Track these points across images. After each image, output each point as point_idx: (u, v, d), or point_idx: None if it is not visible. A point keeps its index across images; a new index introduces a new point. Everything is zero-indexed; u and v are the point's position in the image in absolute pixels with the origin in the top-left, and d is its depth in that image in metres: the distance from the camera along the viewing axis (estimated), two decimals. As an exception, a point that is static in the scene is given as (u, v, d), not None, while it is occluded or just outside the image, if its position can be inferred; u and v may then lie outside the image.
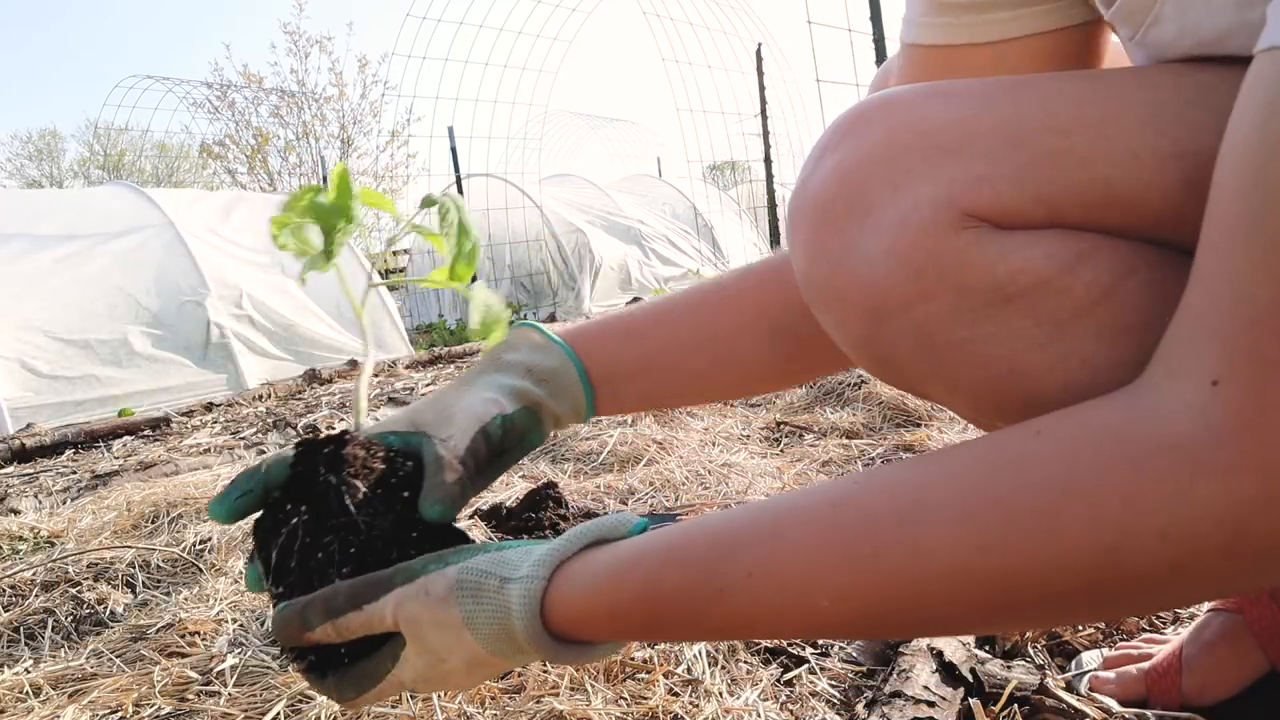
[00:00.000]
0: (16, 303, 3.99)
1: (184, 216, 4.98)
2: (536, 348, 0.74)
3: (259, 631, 1.12)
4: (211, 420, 3.48)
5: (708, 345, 0.76)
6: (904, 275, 0.51)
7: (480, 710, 0.85)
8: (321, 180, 10.26)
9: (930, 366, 0.54)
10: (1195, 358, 0.41)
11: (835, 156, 0.54)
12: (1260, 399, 0.38)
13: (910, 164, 0.51)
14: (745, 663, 0.90)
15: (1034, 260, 0.49)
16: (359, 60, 17.39)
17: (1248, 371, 0.39)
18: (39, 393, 3.75)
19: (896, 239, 0.51)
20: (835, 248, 0.54)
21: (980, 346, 0.51)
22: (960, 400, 0.57)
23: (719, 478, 1.64)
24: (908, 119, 0.53)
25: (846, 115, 0.56)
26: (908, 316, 0.52)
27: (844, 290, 0.54)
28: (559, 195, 9.14)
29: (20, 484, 2.52)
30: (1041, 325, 0.50)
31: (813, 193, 0.55)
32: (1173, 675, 0.76)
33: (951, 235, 0.50)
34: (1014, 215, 0.50)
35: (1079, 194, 0.49)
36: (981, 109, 0.51)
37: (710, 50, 7.85)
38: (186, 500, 1.88)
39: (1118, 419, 0.43)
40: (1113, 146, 0.49)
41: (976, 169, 0.50)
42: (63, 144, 22.19)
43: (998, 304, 0.50)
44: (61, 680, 1.05)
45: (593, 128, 15.41)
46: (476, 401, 0.68)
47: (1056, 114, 0.50)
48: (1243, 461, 0.39)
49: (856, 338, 0.56)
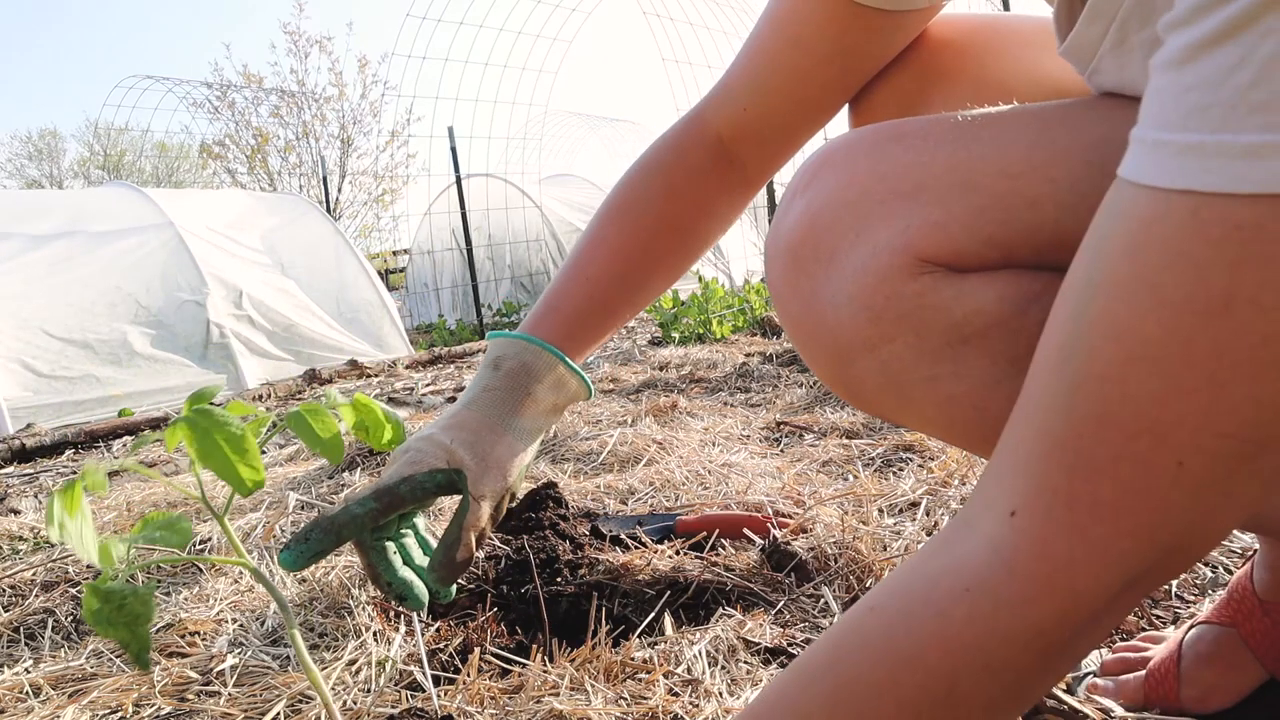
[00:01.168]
0: (16, 302, 3.99)
1: (184, 216, 4.98)
2: (557, 384, 0.78)
3: (259, 631, 1.12)
4: (211, 420, 3.48)
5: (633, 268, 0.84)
6: (866, 319, 0.54)
7: (480, 710, 0.85)
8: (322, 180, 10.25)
9: (898, 402, 0.57)
10: (999, 490, 0.44)
11: (804, 200, 0.57)
12: (1049, 527, 0.41)
13: (870, 209, 0.54)
14: (745, 663, 0.90)
15: (988, 303, 0.52)
16: (359, 60, 17.38)
17: (1038, 502, 0.42)
18: (39, 393, 3.75)
19: (858, 284, 0.54)
20: (805, 290, 0.57)
21: (943, 385, 0.54)
22: (934, 431, 0.60)
23: (719, 478, 1.64)
24: (868, 163, 0.55)
25: (814, 159, 0.59)
26: (873, 357, 0.55)
27: (814, 332, 0.58)
28: (559, 195, 9.13)
29: (20, 484, 2.52)
30: (998, 363, 0.52)
31: (784, 235, 0.58)
32: (1170, 682, 0.76)
33: (909, 280, 0.52)
34: (969, 257, 0.52)
35: (1029, 236, 0.51)
36: (936, 150, 0.54)
37: (710, 50, 7.85)
38: (186, 500, 1.88)
39: (934, 567, 0.47)
40: (1059, 189, 0.51)
41: (933, 214, 0.52)
42: (63, 144, 22.23)
43: (956, 344, 0.53)
44: (61, 680, 1.05)
45: (593, 128, 15.40)
46: (507, 455, 0.73)
47: (1008, 156, 0.52)
48: (1035, 590, 0.42)
49: (829, 375, 0.60)
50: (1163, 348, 0.37)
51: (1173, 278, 0.36)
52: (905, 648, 0.46)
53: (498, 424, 0.73)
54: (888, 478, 1.53)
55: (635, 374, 3.25)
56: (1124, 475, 0.40)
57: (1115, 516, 0.40)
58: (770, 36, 0.78)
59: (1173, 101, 0.36)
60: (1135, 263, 0.38)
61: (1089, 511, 0.41)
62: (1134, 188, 0.39)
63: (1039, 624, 0.42)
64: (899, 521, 1.29)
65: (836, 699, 0.48)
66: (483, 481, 0.70)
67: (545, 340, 0.78)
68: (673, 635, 0.97)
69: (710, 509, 1.43)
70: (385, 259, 12.37)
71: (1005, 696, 0.45)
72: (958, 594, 0.45)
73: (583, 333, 0.81)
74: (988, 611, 0.43)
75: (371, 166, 13.53)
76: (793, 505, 1.42)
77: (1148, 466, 0.39)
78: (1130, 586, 0.42)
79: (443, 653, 1.00)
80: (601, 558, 1.16)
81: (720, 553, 1.22)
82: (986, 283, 0.52)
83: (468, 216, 7.09)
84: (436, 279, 8.97)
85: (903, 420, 0.61)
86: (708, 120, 0.85)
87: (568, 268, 0.84)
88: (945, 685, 0.45)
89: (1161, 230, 0.37)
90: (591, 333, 0.82)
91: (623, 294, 0.84)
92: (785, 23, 0.76)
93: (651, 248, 0.85)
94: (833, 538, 1.20)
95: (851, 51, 0.74)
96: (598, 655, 0.91)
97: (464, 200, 7.03)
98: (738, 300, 4.85)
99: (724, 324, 4.42)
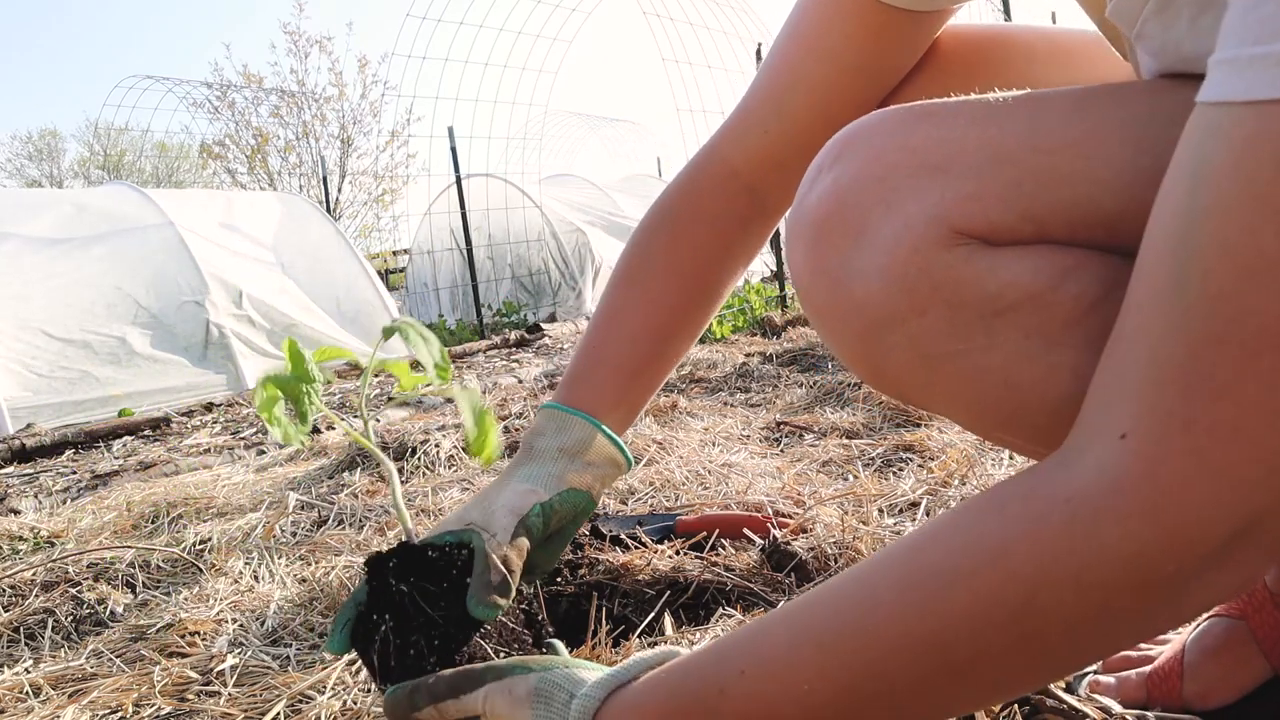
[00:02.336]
0: (16, 303, 3.99)
1: (184, 216, 4.98)
2: (561, 427, 0.82)
3: (259, 631, 1.12)
4: (211, 420, 3.48)
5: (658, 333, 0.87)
6: (898, 290, 0.53)
7: (480, 710, 0.85)
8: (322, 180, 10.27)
9: (926, 378, 0.56)
10: (1108, 416, 0.43)
11: (830, 175, 0.56)
12: (1163, 449, 0.41)
13: (901, 182, 0.53)
14: (745, 663, 0.90)
15: (1023, 275, 0.51)
16: (359, 60, 17.38)
17: (1152, 424, 0.41)
18: (39, 393, 3.75)
19: (890, 256, 0.53)
20: (832, 265, 0.56)
21: (974, 359, 0.53)
22: (959, 410, 0.59)
23: (719, 478, 1.64)
24: (897, 138, 0.55)
25: (840, 136, 0.58)
26: (903, 330, 0.54)
27: (841, 306, 0.56)
28: (559, 195, 9.13)
29: (20, 484, 2.52)
30: (1031, 338, 0.51)
31: (809, 211, 0.57)
32: (1174, 680, 0.76)
33: (943, 251, 0.51)
34: (1002, 231, 0.51)
35: (1064, 211, 0.51)
36: (968, 127, 0.53)
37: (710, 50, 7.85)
38: (186, 500, 1.88)
39: (1032, 482, 0.46)
40: (1094, 165, 0.50)
41: (966, 187, 0.51)
42: (63, 144, 22.21)
43: (989, 318, 0.52)
44: (61, 680, 1.05)
45: (593, 128, 15.41)
46: (514, 496, 0.77)
47: (1040, 132, 0.52)
48: (1142, 508, 0.41)
49: (855, 351, 0.58)
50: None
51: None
52: (991, 543, 0.45)
53: (504, 479, 0.81)
54: (888, 478, 1.53)
55: (635, 374, 3.24)
56: (1246, 395, 0.39)
57: (1235, 439, 0.39)
58: (794, 52, 0.79)
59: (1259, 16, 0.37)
60: (1242, 179, 0.38)
61: (1207, 434, 0.39)
62: (1230, 107, 0.39)
63: (1142, 547, 0.41)
64: (899, 521, 1.29)
65: (909, 581, 0.47)
66: (491, 523, 0.75)
67: (554, 401, 0.85)
68: (673, 635, 0.97)
69: (710, 509, 1.43)
70: (385, 259, 12.37)
71: (1089, 623, 0.44)
72: (1057, 502, 0.43)
73: (618, 397, 0.86)
74: (1087, 521, 0.42)
75: (371, 166, 13.54)
76: (793, 505, 1.42)
77: (1272, 385, 0.38)
78: (1245, 533, 0.41)
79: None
80: (601, 558, 1.16)
81: (720, 553, 1.22)
82: (1021, 256, 0.51)
83: (468, 216, 7.09)
84: (436, 279, 8.97)
85: (926, 399, 0.59)
86: (725, 155, 0.86)
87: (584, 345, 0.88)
88: (1025, 590, 0.43)
89: (1269, 143, 0.37)
90: (626, 395, 0.87)
91: (652, 362, 0.88)
92: (810, 36, 0.77)
93: (671, 311, 0.87)
94: (833, 538, 1.20)
95: (876, 61, 0.75)
96: (598, 655, 0.91)
97: (464, 200, 7.02)
98: (738, 300, 4.85)
99: (724, 324, 4.42)
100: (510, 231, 8.57)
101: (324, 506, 1.73)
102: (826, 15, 0.75)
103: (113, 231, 4.70)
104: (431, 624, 0.68)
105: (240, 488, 2.01)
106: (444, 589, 0.69)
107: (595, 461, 0.82)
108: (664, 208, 0.89)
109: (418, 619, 0.68)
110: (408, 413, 3.12)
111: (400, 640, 0.68)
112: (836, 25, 0.74)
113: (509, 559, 0.72)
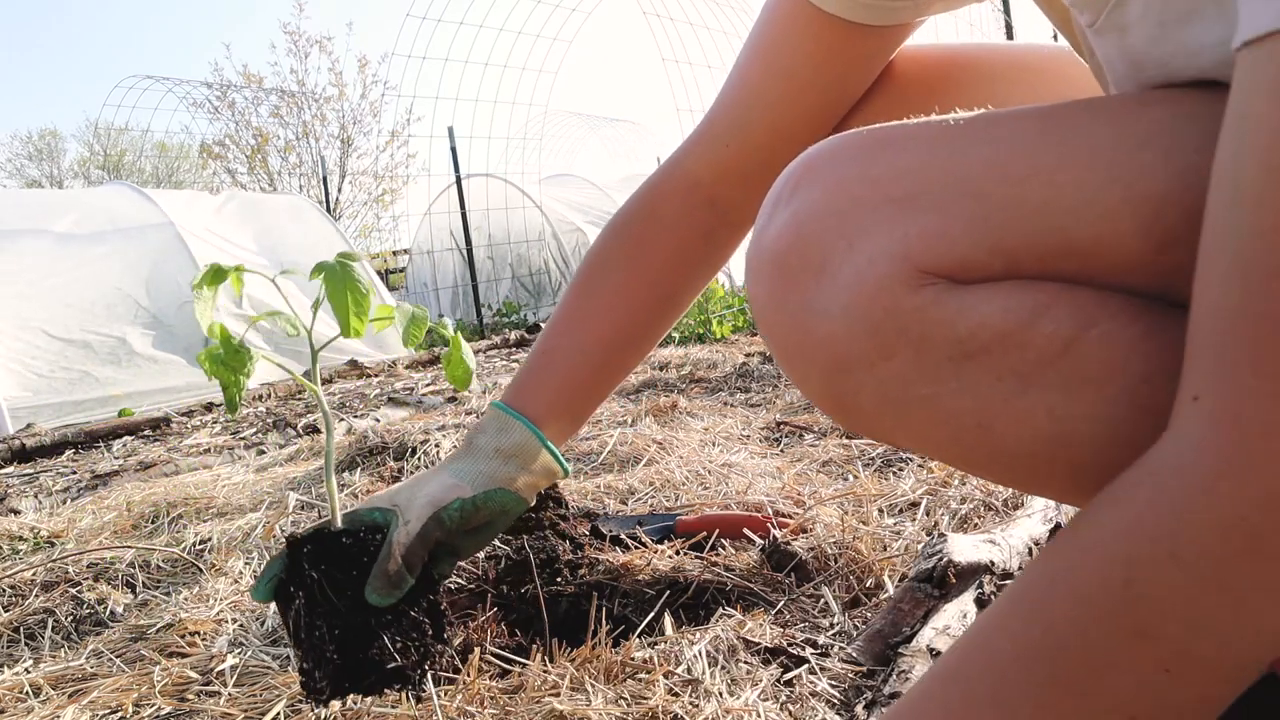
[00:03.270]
0: (17, 303, 3.99)
1: (183, 216, 4.98)
2: (502, 429, 0.84)
3: (259, 631, 1.12)
4: (211, 420, 3.48)
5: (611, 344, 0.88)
6: (862, 332, 0.51)
7: (480, 710, 0.85)
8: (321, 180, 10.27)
9: (895, 421, 0.54)
10: (1185, 382, 0.41)
11: (789, 209, 0.54)
12: (1237, 399, 0.38)
13: (863, 217, 0.51)
14: (745, 663, 0.90)
15: (992, 315, 0.49)
16: (359, 60, 17.37)
17: (1222, 377, 0.39)
18: (39, 393, 3.75)
19: (853, 296, 0.51)
20: (794, 303, 0.54)
21: (945, 402, 0.51)
22: (931, 450, 0.57)
23: (719, 478, 1.64)
24: (857, 168, 0.53)
25: (798, 164, 0.56)
26: (869, 373, 0.52)
27: (804, 346, 0.54)
28: (559, 195, 9.13)
29: (20, 484, 2.52)
30: (1005, 380, 0.49)
31: (769, 245, 0.55)
32: None
33: (908, 292, 0.49)
34: (971, 268, 0.49)
35: (1034, 244, 0.49)
36: (930, 154, 0.51)
37: (710, 50, 7.85)
38: (186, 500, 1.88)
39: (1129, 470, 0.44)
40: (1065, 194, 0.48)
41: (930, 223, 0.49)
42: (63, 144, 22.23)
43: (959, 360, 0.50)
44: (61, 680, 1.05)
45: (593, 128, 15.40)
46: (439, 488, 0.79)
47: (1006, 159, 0.50)
48: (1229, 466, 0.38)
49: (820, 391, 0.56)
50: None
51: None
52: (1086, 534, 0.43)
53: (440, 468, 0.82)
54: (888, 478, 1.53)
55: (635, 374, 3.25)
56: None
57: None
58: (753, 68, 0.79)
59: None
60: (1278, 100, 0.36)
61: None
62: (1264, 42, 0.37)
63: (1237, 507, 0.38)
64: (899, 521, 1.29)
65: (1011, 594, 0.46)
66: (409, 509, 0.78)
67: (501, 401, 0.86)
68: (673, 635, 0.97)
69: (710, 509, 1.43)
70: (385, 259, 12.36)
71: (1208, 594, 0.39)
72: (1140, 480, 0.42)
73: (564, 406, 0.87)
74: (1175, 493, 0.40)
75: (371, 166, 13.55)
76: (793, 505, 1.42)
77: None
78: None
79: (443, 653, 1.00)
80: (601, 558, 1.16)
81: (720, 553, 1.22)
82: (991, 295, 0.49)
83: (468, 216, 7.09)
84: (436, 279, 8.97)
85: (900, 440, 0.58)
86: (687, 167, 0.86)
87: (538, 348, 0.89)
88: (1122, 575, 0.41)
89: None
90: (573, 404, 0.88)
91: (602, 371, 0.89)
92: (768, 52, 0.77)
93: (626, 322, 0.87)
94: (833, 538, 1.20)
95: (833, 78, 0.75)
96: (598, 655, 0.91)
97: (464, 200, 7.03)
98: (737, 300, 4.85)
99: (724, 324, 4.42)
100: (510, 231, 8.57)
101: (324, 506, 1.73)
102: (784, 30, 0.75)
103: (113, 231, 4.70)
104: (334, 611, 0.73)
105: (240, 488, 2.01)
106: (352, 576, 0.74)
107: (530, 466, 0.83)
108: (625, 217, 0.88)
109: (323, 605, 0.73)
110: (407, 412, 3.12)
111: (308, 618, 0.74)
112: (794, 41, 0.74)
113: (411, 551, 0.75)
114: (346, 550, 0.75)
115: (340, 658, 0.72)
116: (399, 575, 0.74)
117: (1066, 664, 0.42)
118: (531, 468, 0.83)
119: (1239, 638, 0.40)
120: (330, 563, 0.75)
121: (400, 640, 0.75)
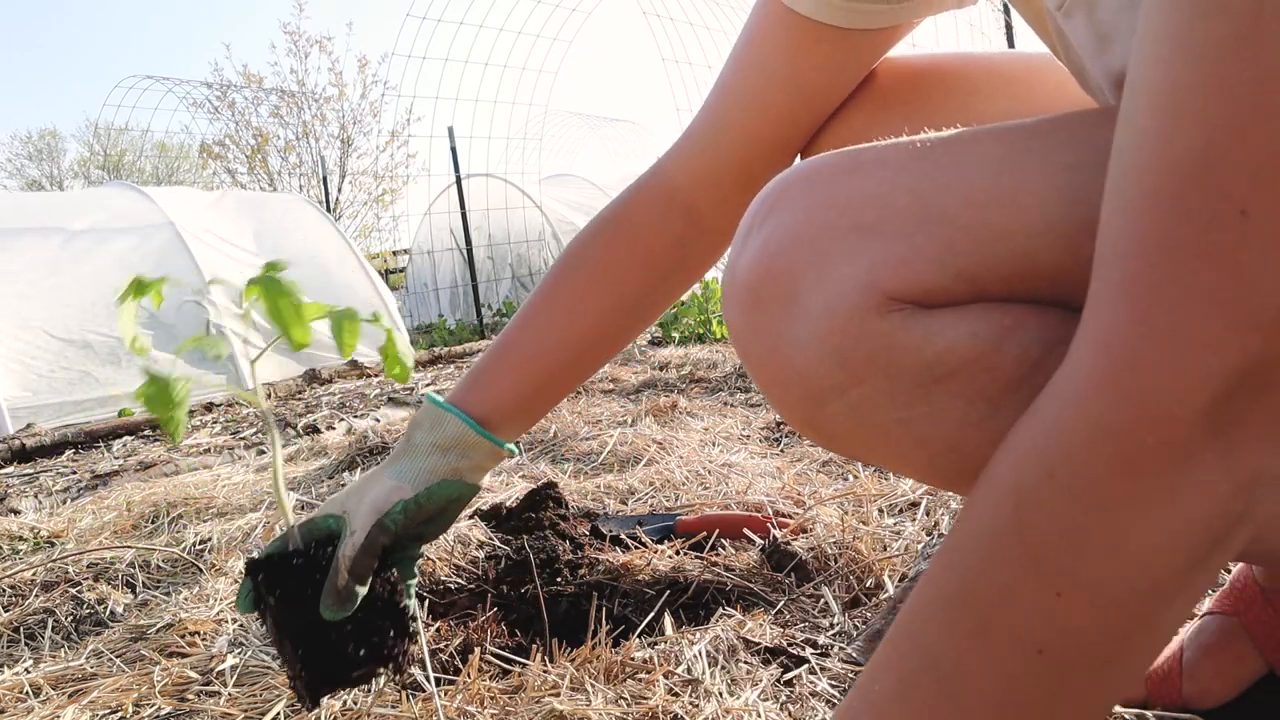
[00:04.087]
0: (17, 302, 3.99)
1: (183, 216, 4.98)
2: (435, 423, 0.83)
3: (259, 631, 1.12)
4: (211, 420, 3.48)
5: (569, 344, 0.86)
6: (833, 361, 0.52)
7: (480, 710, 0.85)
8: (321, 180, 10.26)
9: (870, 445, 0.56)
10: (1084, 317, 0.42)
11: (760, 237, 0.55)
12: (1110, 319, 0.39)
13: (831, 245, 0.52)
14: (745, 663, 0.90)
15: (960, 340, 0.49)
16: (359, 60, 17.37)
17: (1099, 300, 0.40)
18: (39, 393, 3.75)
19: (823, 325, 0.52)
20: (767, 332, 0.55)
21: (917, 426, 0.52)
22: (908, 470, 0.59)
23: (719, 478, 1.64)
24: (826, 194, 0.53)
25: (770, 190, 0.57)
26: (842, 400, 0.53)
27: (779, 374, 0.56)
28: (559, 195, 9.13)
29: (20, 484, 2.52)
30: (974, 403, 0.50)
31: (742, 274, 0.56)
32: (1173, 679, 0.76)
33: (876, 320, 0.50)
34: (937, 294, 0.50)
35: (1000, 268, 0.49)
36: (897, 178, 0.52)
37: (710, 50, 7.85)
38: (186, 500, 1.88)
39: None
40: (1029, 216, 0.49)
41: (897, 250, 0.50)
42: (63, 144, 22.23)
43: (928, 385, 0.51)
44: (61, 680, 1.05)
45: (593, 128, 15.40)
46: (380, 493, 0.79)
47: (971, 182, 0.50)
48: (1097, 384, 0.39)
49: (798, 418, 0.58)
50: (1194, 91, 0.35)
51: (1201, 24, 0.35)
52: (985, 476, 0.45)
53: (379, 471, 0.82)
54: (887, 478, 1.53)
55: (635, 374, 3.25)
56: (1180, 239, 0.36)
57: (1180, 291, 0.36)
58: (729, 71, 0.79)
59: None
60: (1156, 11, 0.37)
61: (1149, 292, 0.37)
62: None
63: (1104, 419, 0.38)
64: (899, 521, 1.29)
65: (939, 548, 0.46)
66: (355, 518, 0.78)
67: (442, 400, 0.86)
68: (673, 635, 0.97)
69: (710, 509, 1.43)
70: (385, 259, 12.36)
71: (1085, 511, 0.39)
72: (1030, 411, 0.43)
73: (514, 408, 0.86)
74: (1050, 413, 0.41)
75: (371, 166, 13.53)
76: (793, 505, 1.42)
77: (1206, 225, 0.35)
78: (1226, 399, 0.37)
79: (443, 653, 1.00)
80: (601, 558, 1.16)
81: (720, 553, 1.22)
82: (957, 319, 0.50)
83: (468, 216, 7.09)
84: (436, 279, 8.97)
85: (878, 461, 0.59)
86: (668, 174, 0.85)
87: (495, 347, 0.87)
88: (1011, 504, 0.42)
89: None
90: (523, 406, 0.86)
91: (558, 376, 0.87)
92: (743, 53, 0.77)
93: (588, 329, 0.86)
94: (833, 538, 1.20)
95: (806, 77, 0.74)
96: (598, 655, 0.91)
97: (464, 200, 7.03)
98: (738, 300, 4.84)
99: (724, 324, 4.42)
100: (510, 231, 8.57)
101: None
102: (761, 29, 0.74)
103: (113, 231, 4.70)
104: (294, 628, 0.77)
105: (240, 488, 2.01)
106: (307, 595, 0.76)
107: (469, 454, 0.82)
108: (601, 221, 0.87)
109: (284, 624, 0.77)
110: (408, 412, 3.12)
111: (275, 636, 0.78)
112: (769, 42, 0.73)
113: (357, 563, 0.76)
114: (297, 571, 0.78)
115: (306, 670, 0.76)
116: (348, 590, 0.75)
117: (975, 602, 0.43)
118: (471, 455, 0.82)
119: (1117, 557, 0.40)
120: (284, 585, 0.77)
121: (363, 646, 0.77)
